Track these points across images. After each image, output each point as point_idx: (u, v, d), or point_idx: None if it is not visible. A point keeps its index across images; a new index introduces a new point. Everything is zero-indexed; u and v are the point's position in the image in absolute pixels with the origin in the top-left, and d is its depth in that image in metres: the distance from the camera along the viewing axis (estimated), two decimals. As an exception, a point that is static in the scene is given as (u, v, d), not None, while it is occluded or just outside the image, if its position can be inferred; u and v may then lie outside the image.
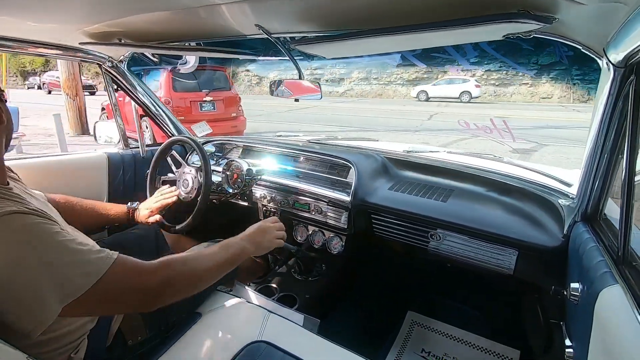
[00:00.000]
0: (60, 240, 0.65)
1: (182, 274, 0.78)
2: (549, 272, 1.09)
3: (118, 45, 1.21)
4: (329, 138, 1.92)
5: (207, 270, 0.83)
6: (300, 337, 0.98)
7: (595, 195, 0.93)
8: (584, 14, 0.71)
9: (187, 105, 5.54)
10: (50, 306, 0.60)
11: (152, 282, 0.73)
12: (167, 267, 0.77)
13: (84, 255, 0.66)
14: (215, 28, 1.04)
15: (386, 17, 0.82)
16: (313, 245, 1.59)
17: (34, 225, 0.63)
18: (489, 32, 0.77)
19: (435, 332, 1.54)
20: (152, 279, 0.73)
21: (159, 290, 0.73)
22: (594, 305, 0.66)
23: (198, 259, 0.83)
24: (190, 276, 0.80)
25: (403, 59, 18.03)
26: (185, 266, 0.79)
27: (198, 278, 0.81)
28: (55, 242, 0.64)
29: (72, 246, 0.66)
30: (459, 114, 11.34)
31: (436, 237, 1.26)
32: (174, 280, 0.76)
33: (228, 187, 1.52)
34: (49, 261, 0.62)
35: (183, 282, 0.78)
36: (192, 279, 0.80)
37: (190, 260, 0.82)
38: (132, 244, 1.23)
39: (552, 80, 16.57)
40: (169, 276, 0.75)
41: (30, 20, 0.98)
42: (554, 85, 16.47)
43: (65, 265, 0.63)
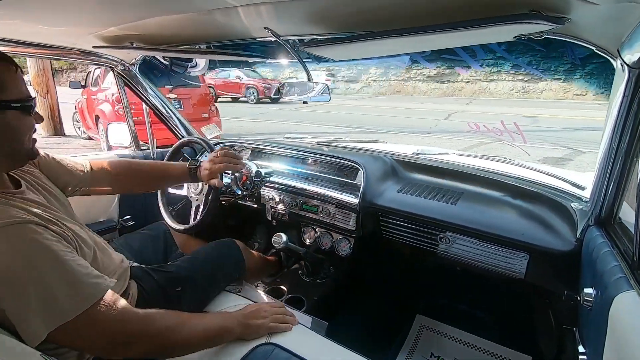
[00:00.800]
0: (61, 259, 0.65)
1: (161, 334, 0.74)
2: (561, 277, 1.07)
3: (130, 48, 1.23)
4: (338, 140, 1.92)
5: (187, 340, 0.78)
6: (308, 339, 0.98)
7: (610, 198, 0.91)
8: (597, 15, 0.70)
9: None
10: (35, 331, 0.61)
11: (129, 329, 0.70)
12: (150, 321, 0.74)
13: (80, 279, 0.66)
14: (224, 31, 1.05)
15: (395, 18, 0.82)
16: (321, 247, 1.58)
17: (35, 240, 0.64)
18: (500, 33, 0.76)
19: (445, 336, 1.52)
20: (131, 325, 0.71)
21: (130, 340, 0.70)
22: (608, 311, 0.64)
23: (184, 324, 0.78)
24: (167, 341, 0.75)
25: (412, 61, 17.63)
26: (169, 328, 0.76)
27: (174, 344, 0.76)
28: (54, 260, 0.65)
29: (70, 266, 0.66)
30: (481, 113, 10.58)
31: (445, 240, 1.24)
32: (149, 337, 0.73)
33: (237, 188, 1.53)
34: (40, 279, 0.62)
35: (156, 345, 0.74)
36: (168, 344, 0.75)
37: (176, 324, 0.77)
38: (142, 244, 1.25)
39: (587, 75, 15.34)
40: (146, 331, 0.72)
41: (46, 24, 1.00)
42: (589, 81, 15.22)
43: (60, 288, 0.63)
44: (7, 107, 0.69)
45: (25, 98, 0.72)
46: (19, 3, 0.77)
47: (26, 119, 0.73)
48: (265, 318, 0.92)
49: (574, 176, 1.29)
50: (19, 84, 0.72)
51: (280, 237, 1.37)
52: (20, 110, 0.71)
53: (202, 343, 0.82)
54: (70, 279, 0.65)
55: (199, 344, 0.81)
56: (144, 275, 1.03)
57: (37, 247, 0.64)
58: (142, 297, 0.96)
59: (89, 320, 0.65)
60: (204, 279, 1.11)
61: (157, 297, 0.99)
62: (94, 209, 1.48)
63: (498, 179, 1.36)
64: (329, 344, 0.96)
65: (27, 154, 0.77)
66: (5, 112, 0.69)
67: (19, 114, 0.71)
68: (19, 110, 0.71)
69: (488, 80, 16.99)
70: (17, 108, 0.70)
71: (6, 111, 0.69)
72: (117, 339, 0.69)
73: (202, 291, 1.09)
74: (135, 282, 0.99)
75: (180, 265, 1.12)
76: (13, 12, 0.84)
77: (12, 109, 0.70)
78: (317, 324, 1.15)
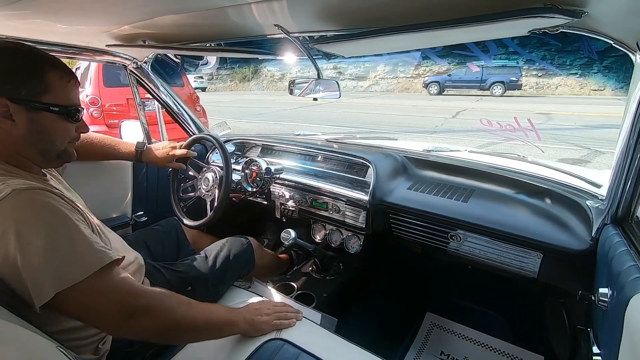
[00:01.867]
0: (73, 225, 0.68)
1: (166, 311, 0.74)
2: (575, 277, 1.05)
3: (142, 47, 1.24)
4: (348, 137, 1.91)
5: (192, 321, 0.77)
6: (318, 335, 0.98)
7: (627, 196, 0.89)
8: (616, 7, 0.68)
9: (123, 103, 4.36)
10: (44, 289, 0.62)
11: (135, 301, 0.70)
12: (156, 296, 0.75)
13: (90, 245, 0.68)
14: (235, 28, 1.05)
15: (407, 14, 0.81)
16: (330, 244, 1.59)
17: (52, 204, 0.67)
18: (514, 27, 0.75)
19: (455, 335, 1.51)
20: (138, 299, 0.71)
21: (136, 312, 0.70)
22: (624, 312, 0.63)
23: (191, 307, 0.79)
24: (173, 318, 0.75)
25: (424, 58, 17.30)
26: (174, 306, 0.76)
27: (178, 323, 0.75)
28: (68, 226, 0.67)
29: (82, 233, 0.69)
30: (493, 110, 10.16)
31: (456, 238, 1.23)
32: (155, 312, 0.72)
33: (247, 185, 1.54)
34: (56, 246, 0.65)
35: (162, 320, 0.73)
36: (173, 322, 0.75)
37: (182, 304, 0.78)
38: (154, 239, 1.27)
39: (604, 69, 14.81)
40: (152, 305, 0.72)
41: (64, 23, 1.02)
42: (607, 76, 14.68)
43: (70, 251, 0.66)
44: (45, 109, 0.74)
45: (67, 105, 0.77)
46: (40, 3, 0.79)
47: (63, 124, 0.77)
48: (269, 315, 0.93)
49: (590, 174, 1.26)
50: (66, 92, 0.77)
51: (289, 233, 1.38)
52: (57, 114, 0.76)
53: (207, 328, 0.81)
54: (80, 244, 0.68)
55: (205, 330, 0.81)
56: (156, 272, 1.05)
57: (53, 210, 0.67)
58: None
59: (95, 288, 0.67)
60: (215, 277, 1.12)
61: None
62: (107, 205, 1.51)
63: (511, 177, 1.34)
64: (339, 341, 0.96)
65: (59, 156, 0.81)
66: (43, 112, 0.74)
67: (56, 118, 0.76)
68: (57, 115, 0.76)
69: (500, 75, 16.58)
70: (54, 112, 0.75)
71: (43, 112, 0.74)
72: (124, 311, 0.69)
73: (212, 288, 1.11)
74: (148, 279, 1.01)
75: (191, 265, 1.14)
76: (34, 11, 0.87)
77: (50, 112, 0.74)
78: (327, 320, 1.15)
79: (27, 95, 0.72)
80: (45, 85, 0.73)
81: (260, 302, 0.99)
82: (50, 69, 0.74)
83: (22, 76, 0.71)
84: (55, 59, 0.77)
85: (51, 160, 0.81)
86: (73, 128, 0.81)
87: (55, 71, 0.75)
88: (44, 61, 0.75)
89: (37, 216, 0.65)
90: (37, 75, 0.73)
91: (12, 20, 0.94)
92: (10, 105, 0.70)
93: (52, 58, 0.77)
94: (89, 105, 4.26)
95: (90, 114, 4.24)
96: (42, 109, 0.73)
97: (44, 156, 0.78)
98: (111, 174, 1.52)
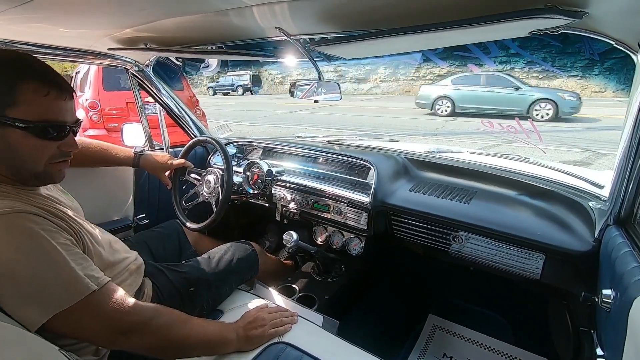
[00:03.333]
0: (56, 251, 0.67)
1: (159, 329, 0.76)
2: (578, 278, 1.04)
3: (144, 50, 1.25)
4: (349, 139, 1.91)
5: (185, 339, 0.79)
6: (320, 338, 0.98)
7: (630, 197, 0.88)
8: (617, 7, 0.68)
9: (123, 106, 4.32)
10: (32, 318, 0.62)
11: (128, 318, 0.72)
12: (150, 314, 0.76)
13: (74, 273, 0.67)
14: (237, 31, 1.06)
15: (407, 15, 0.81)
16: (332, 246, 1.58)
17: (32, 230, 0.65)
18: (515, 28, 0.75)
19: (458, 337, 1.51)
20: (130, 316, 0.72)
21: (129, 330, 0.71)
22: (628, 314, 0.63)
23: (185, 325, 0.80)
24: (165, 336, 0.77)
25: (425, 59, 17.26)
26: (167, 324, 0.77)
27: (170, 342, 0.77)
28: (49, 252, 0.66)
29: (66, 260, 0.67)
30: None
31: (458, 239, 1.23)
32: (147, 330, 0.74)
33: (248, 187, 1.54)
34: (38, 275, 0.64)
35: (155, 338, 0.75)
36: (165, 340, 0.76)
37: (176, 322, 0.79)
38: (156, 241, 1.27)
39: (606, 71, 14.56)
40: (145, 323, 0.74)
41: (66, 27, 1.03)
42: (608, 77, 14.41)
43: (54, 280, 0.65)
44: (9, 124, 0.65)
45: (39, 121, 0.67)
46: (43, 6, 0.79)
47: (33, 141, 0.68)
48: (264, 326, 0.92)
49: (592, 174, 1.26)
50: (40, 106, 0.67)
51: (291, 235, 1.38)
52: (24, 130, 0.66)
53: (200, 346, 0.82)
54: (64, 272, 0.67)
55: (197, 347, 0.81)
56: (158, 273, 1.05)
57: (32, 236, 0.65)
58: (157, 296, 0.99)
59: (88, 310, 0.67)
60: (217, 280, 1.12)
61: (171, 295, 1.01)
62: (109, 208, 1.51)
63: (513, 178, 1.34)
64: (341, 343, 0.96)
65: (37, 177, 0.73)
66: (7, 128, 0.66)
67: (24, 135, 0.67)
68: (24, 131, 0.66)
69: (501, 78, 16.58)
70: (20, 128, 0.66)
71: (8, 127, 0.66)
72: (116, 329, 0.70)
73: (215, 291, 1.11)
74: (150, 280, 1.01)
75: (194, 266, 1.14)
76: (37, 15, 0.87)
77: (16, 128, 0.66)
78: (329, 322, 1.15)
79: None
80: (12, 97, 0.65)
81: (254, 313, 0.97)
82: (21, 80, 0.65)
83: None
84: (35, 68, 0.69)
85: (26, 181, 0.73)
86: (52, 146, 0.71)
87: (28, 83, 0.66)
88: (15, 71, 0.66)
89: (16, 244, 0.63)
90: (4, 84, 0.65)
91: (14, 24, 0.95)
92: None
93: (30, 68, 0.68)
94: (89, 109, 4.23)
95: (90, 118, 4.21)
96: (6, 124, 0.65)
97: (17, 176, 0.71)
98: (113, 177, 1.52)
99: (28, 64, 0.69)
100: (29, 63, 0.69)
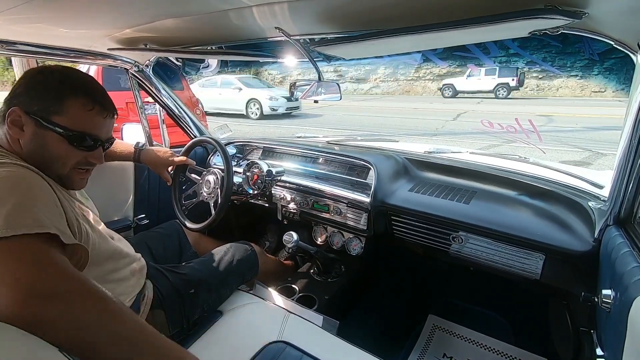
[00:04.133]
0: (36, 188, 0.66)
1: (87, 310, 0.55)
2: (578, 278, 1.04)
3: (144, 50, 1.25)
4: (349, 139, 1.91)
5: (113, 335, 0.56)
6: (319, 338, 0.98)
7: (629, 197, 0.88)
8: (616, 8, 0.68)
9: (123, 106, 4.09)
10: None
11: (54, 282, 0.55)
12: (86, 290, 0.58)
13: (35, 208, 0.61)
14: (236, 31, 1.06)
15: (408, 15, 0.81)
16: (332, 246, 1.59)
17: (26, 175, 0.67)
18: (515, 29, 0.75)
19: (458, 337, 1.51)
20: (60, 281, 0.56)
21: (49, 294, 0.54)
22: (628, 314, 0.63)
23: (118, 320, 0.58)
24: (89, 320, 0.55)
25: (425, 60, 17.22)
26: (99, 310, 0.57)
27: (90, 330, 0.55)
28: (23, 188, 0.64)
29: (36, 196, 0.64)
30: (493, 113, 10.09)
31: (458, 239, 1.23)
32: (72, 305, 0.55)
33: (248, 187, 1.54)
34: None
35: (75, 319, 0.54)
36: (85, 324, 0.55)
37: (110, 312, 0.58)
38: (156, 242, 1.27)
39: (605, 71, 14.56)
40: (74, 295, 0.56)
41: (64, 27, 1.03)
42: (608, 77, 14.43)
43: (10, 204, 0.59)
44: (51, 128, 0.74)
45: (77, 130, 0.76)
46: (43, 6, 0.79)
47: (65, 147, 0.76)
48: None
49: (592, 175, 1.26)
50: (82, 118, 0.77)
51: (291, 235, 1.38)
52: (61, 136, 0.75)
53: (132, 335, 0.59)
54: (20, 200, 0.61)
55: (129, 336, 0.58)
56: (159, 275, 1.05)
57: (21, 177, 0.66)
58: (157, 299, 0.98)
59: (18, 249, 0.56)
60: (218, 281, 1.12)
61: (172, 297, 1.01)
62: (109, 208, 1.51)
63: (512, 178, 1.34)
64: (340, 343, 0.96)
65: (60, 178, 0.79)
66: (48, 131, 0.74)
67: (59, 139, 0.75)
68: (60, 136, 0.75)
69: (501, 78, 16.53)
70: (58, 133, 0.75)
71: (49, 131, 0.74)
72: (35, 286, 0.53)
73: (215, 292, 1.11)
74: (151, 282, 1.01)
75: (195, 267, 1.14)
76: (37, 15, 0.87)
77: (55, 132, 0.75)
78: (329, 322, 1.15)
79: (39, 111, 0.74)
80: (60, 106, 0.75)
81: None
82: (71, 95, 0.76)
83: (40, 94, 0.75)
84: (87, 85, 0.79)
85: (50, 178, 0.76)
86: (79, 155, 0.79)
87: (78, 97, 0.76)
88: (67, 86, 0.76)
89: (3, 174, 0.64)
90: (55, 96, 0.75)
91: (14, 24, 0.95)
92: (22, 116, 0.74)
93: (82, 85, 0.78)
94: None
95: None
96: (48, 127, 0.74)
97: (43, 172, 0.74)
98: (113, 177, 1.53)
99: (81, 81, 0.79)
100: (82, 80, 0.80)
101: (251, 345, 0.91)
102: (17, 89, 0.76)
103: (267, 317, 1.05)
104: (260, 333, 0.97)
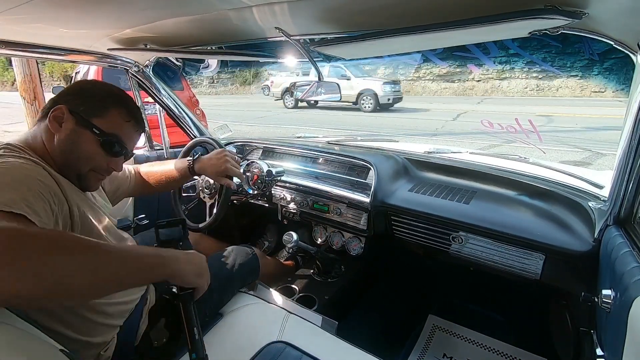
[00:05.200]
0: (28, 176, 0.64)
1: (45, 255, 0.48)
2: (578, 278, 1.04)
3: (144, 50, 1.25)
4: (349, 139, 1.91)
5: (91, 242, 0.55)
6: (319, 338, 0.98)
7: (629, 197, 0.88)
8: (616, 8, 0.68)
9: None
10: None
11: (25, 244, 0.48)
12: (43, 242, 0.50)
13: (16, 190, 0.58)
14: (236, 32, 1.06)
15: (407, 16, 0.81)
16: (332, 246, 1.59)
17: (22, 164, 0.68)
18: (515, 29, 0.75)
19: (458, 337, 1.51)
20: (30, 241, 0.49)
21: None
22: (628, 314, 0.63)
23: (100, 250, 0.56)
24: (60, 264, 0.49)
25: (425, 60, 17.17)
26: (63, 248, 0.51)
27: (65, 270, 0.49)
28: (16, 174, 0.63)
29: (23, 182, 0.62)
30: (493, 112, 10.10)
31: (458, 239, 1.23)
32: None
33: (248, 187, 1.54)
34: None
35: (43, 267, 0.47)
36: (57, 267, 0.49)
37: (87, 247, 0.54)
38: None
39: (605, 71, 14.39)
40: None
41: (64, 27, 1.03)
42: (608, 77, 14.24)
43: None
44: (89, 128, 0.79)
45: (112, 134, 0.82)
46: (43, 6, 0.79)
47: (94, 148, 0.81)
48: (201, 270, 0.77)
49: (592, 175, 1.26)
50: (119, 126, 0.84)
51: (291, 235, 1.38)
52: (95, 136, 0.80)
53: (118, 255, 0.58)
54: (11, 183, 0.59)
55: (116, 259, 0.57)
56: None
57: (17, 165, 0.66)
58: (159, 302, 0.98)
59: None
60: (219, 285, 1.12)
61: (173, 302, 1.00)
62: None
63: (512, 178, 1.34)
64: (340, 343, 0.96)
65: (78, 177, 0.81)
66: (86, 130, 0.79)
67: (92, 139, 0.80)
68: (95, 137, 0.80)
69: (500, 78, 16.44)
70: (94, 133, 0.80)
71: (86, 130, 0.79)
72: None
73: (217, 297, 1.10)
74: (153, 285, 1.01)
75: None
76: (37, 15, 0.87)
77: (91, 132, 0.80)
78: (328, 323, 1.15)
79: (84, 111, 0.79)
80: (103, 112, 0.81)
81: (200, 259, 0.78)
82: (116, 105, 0.83)
83: (88, 99, 0.81)
84: (129, 102, 0.87)
85: (66, 175, 0.77)
86: (103, 159, 0.83)
87: (120, 108, 0.84)
88: (115, 97, 0.85)
89: None
90: (100, 102, 0.82)
91: (14, 24, 0.95)
92: (65, 113, 0.78)
93: (125, 100, 0.86)
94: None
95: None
96: (87, 126, 0.79)
97: (63, 166, 0.78)
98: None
99: (125, 97, 0.88)
100: (125, 96, 0.88)
101: (251, 345, 0.91)
102: (67, 92, 0.83)
103: (267, 318, 1.05)
104: (260, 333, 0.97)
